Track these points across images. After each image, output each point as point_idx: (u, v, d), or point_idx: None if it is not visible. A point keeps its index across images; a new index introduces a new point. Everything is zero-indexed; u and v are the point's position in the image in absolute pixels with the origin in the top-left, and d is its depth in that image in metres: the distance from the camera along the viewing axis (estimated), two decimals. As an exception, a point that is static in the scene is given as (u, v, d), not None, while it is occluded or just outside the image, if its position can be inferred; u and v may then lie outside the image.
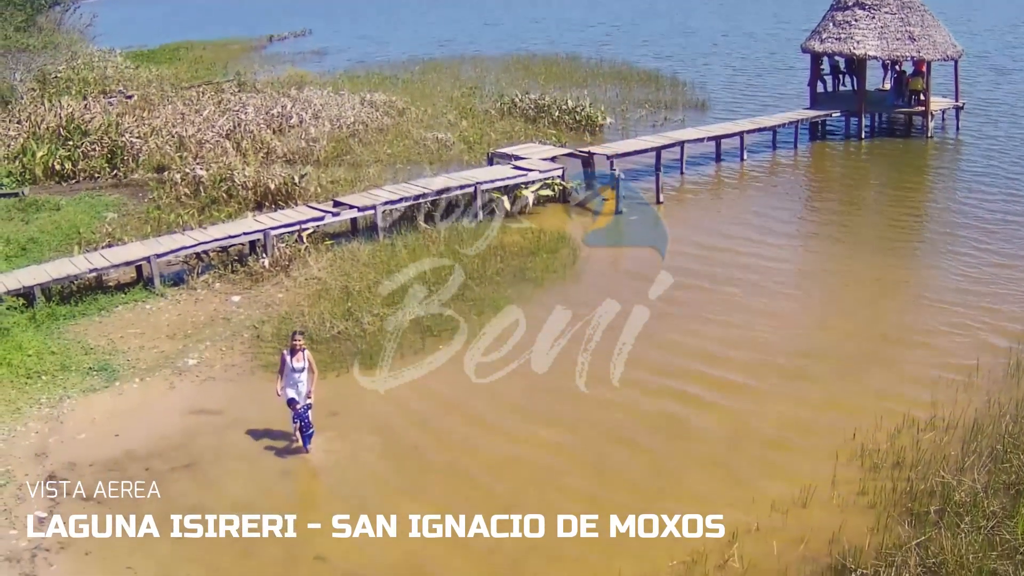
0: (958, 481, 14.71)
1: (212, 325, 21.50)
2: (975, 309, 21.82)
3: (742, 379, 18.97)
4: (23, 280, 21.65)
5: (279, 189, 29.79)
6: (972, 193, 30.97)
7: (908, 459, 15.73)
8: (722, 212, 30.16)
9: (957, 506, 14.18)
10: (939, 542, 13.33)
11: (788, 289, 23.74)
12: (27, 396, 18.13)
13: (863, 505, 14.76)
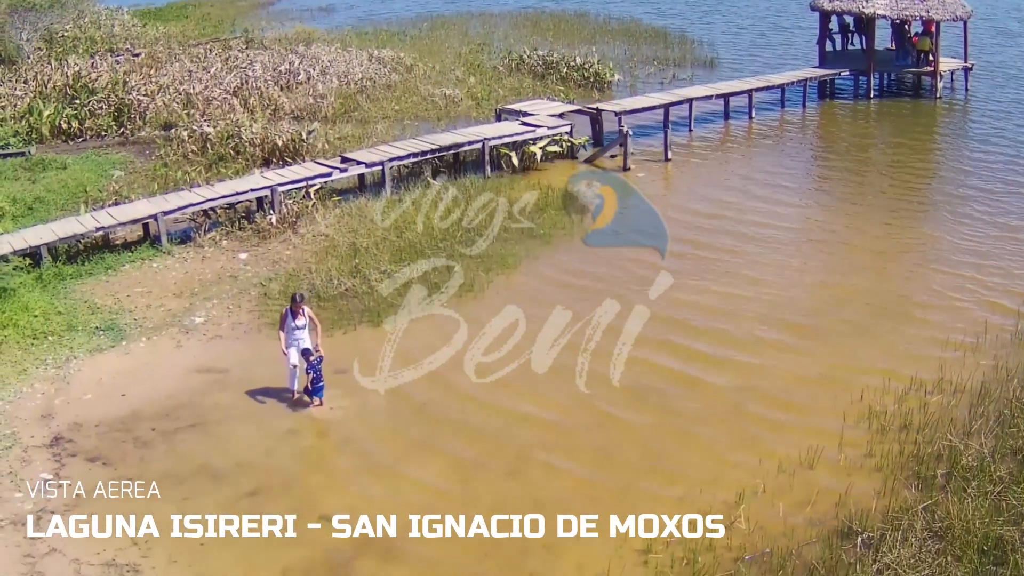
0: (965, 445, 14.18)
1: (219, 283, 20.93)
2: (983, 272, 21.19)
3: (749, 337, 18.43)
4: (29, 240, 21.04)
5: (286, 145, 29.09)
6: (980, 156, 30.05)
7: (915, 422, 15.20)
8: (730, 170, 29.34)
9: (964, 470, 13.67)
10: (945, 506, 12.84)
11: (796, 249, 23.05)
12: (33, 357, 17.59)
13: (870, 468, 14.26)
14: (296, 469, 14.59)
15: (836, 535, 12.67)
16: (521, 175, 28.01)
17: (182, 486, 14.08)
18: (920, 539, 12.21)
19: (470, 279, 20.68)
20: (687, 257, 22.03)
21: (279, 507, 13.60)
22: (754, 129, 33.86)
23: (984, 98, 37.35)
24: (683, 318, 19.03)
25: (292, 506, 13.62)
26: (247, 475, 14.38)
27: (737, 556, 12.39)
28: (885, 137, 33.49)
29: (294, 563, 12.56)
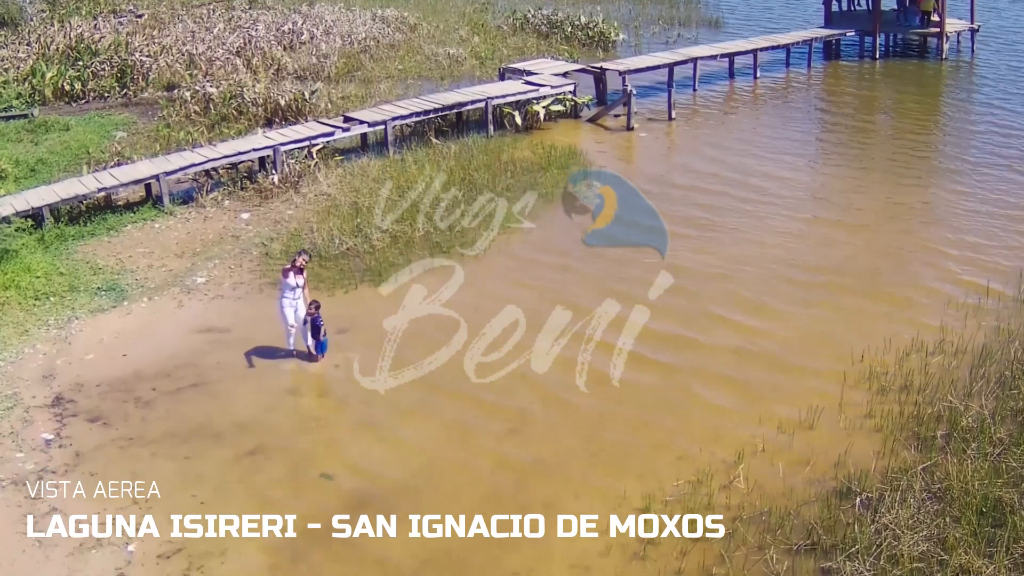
0: (965, 406, 13.97)
1: (221, 243, 20.71)
2: (987, 232, 20.93)
3: (752, 296, 18.21)
4: (31, 201, 20.78)
5: (289, 105, 28.79)
6: (985, 118, 29.63)
7: (916, 383, 14.96)
8: (734, 130, 28.99)
9: (964, 432, 13.45)
10: (945, 467, 12.65)
11: (799, 209, 22.72)
12: (35, 318, 17.40)
13: (869, 428, 14.04)
14: (296, 428, 14.42)
15: (835, 495, 12.49)
16: (524, 134, 27.69)
17: (183, 445, 13.93)
18: (919, 500, 12.02)
19: (471, 238, 20.46)
20: (689, 218, 21.73)
21: (278, 465, 13.48)
22: (759, 89, 33.45)
23: (989, 60, 36.83)
24: (684, 279, 18.74)
25: (291, 464, 13.49)
26: (247, 434, 14.21)
27: (736, 516, 12.21)
28: (890, 98, 33.03)
29: (295, 518, 12.39)
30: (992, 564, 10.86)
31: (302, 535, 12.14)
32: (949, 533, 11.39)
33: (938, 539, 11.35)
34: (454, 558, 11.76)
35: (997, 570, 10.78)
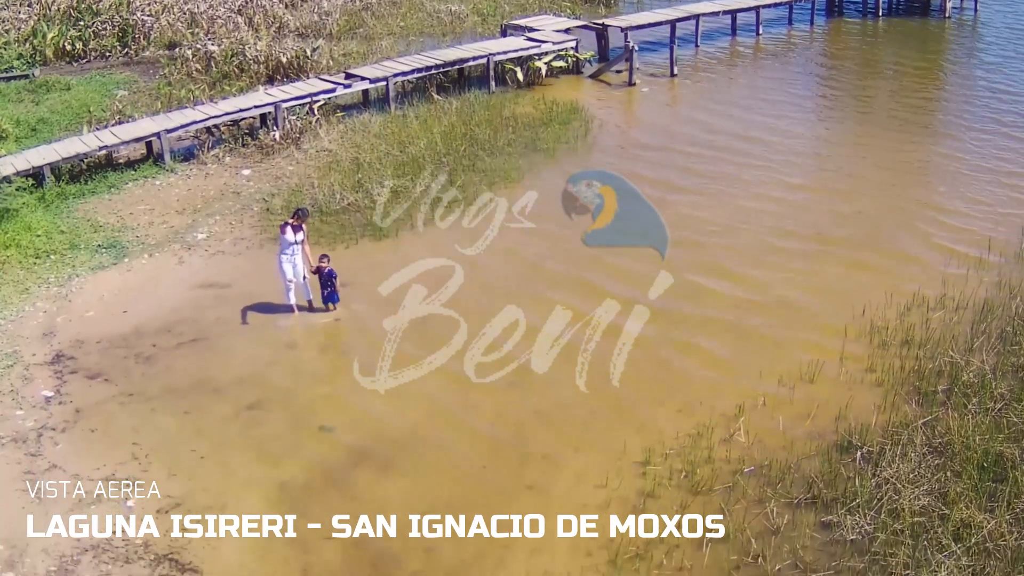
0: (966, 361, 13.70)
1: (222, 199, 20.39)
2: (989, 188, 20.52)
3: (752, 251, 17.92)
4: (32, 160, 20.44)
5: (291, 62, 28.30)
6: (989, 75, 28.94)
7: (917, 337, 14.66)
8: (736, 86, 28.45)
9: (965, 387, 13.19)
10: (946, 422, 12.41)
11: (802, 162, 22.34)
12: (36, 276, 17.14)
13: (870, 382, 13.76)
14: (296, 382, 14.17)
15: (835, 449, 12.25)
16: (526, 90, 27.23)
17: (183, 400, 13.72)
18: (920, 454, 11.78)
19: (473, 193, 20.13)
20: (689, 173, 21.38)
21: (278, 420, 13.27)
22: (761, 46, 32.83)
23: (993, 18, 36.08)
24: (686, 233, 18.43)
25: (291, 418, 13.28)
26: (247, 388, 13.99)
27: (736, 469, 11.99)
28: (893, 55, 32.24)
29: (294, 472, 12.21)
30: (993, 519, 10.63)
31: (302, 488, 11.92)
32: (950, 488, 11.16)
33: (939, 493, 11.12)
34: (453, 511, 11.51)
35: (998, 524, 10.54)
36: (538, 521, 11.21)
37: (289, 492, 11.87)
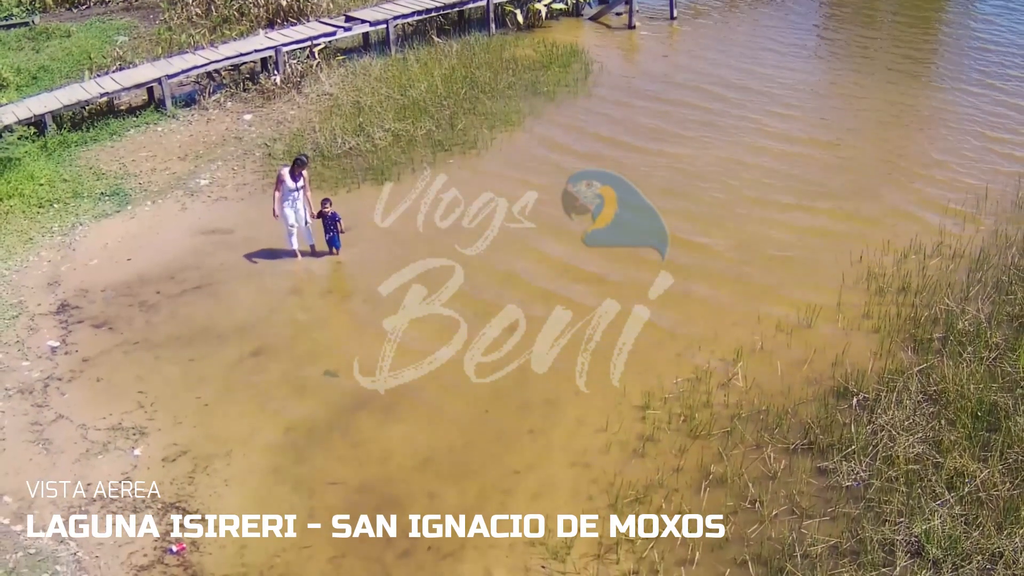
0: (962, 310, 13.46)
1: (224, 145, 20.05)
2: (985, 138, 19.95)
3: (750, 196, 17.58)
4: (33, 108, 20.02)
5: (291, 6, 27.57)
6: (991, 23, 27.91)
7: (913, 285, 14.40)
8: (736, 31, 27.58)
9: (960, 335, 12.95)
10: (941, 370, 12.20)
11: (799, 111, 21.66)
12: (39, 226, 16.88)
13: (867, 329, 13.54)
14: (299, 328, 14.01)
15: (832, 394, 12.09)
16: (526, 32, 26.67)
17: (187, 348, 13.57)
18: (915, 402, 11.60)
19: (473, 136, 19.80)
20: (688, 120, 20.94)
21: (281, 366, 13.15)
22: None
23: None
24: (684, 181, 18.12)
25: (294, 364, 13.17)
26: (251, 335, 13.83)
27: (734, 414, 11.86)
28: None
29: (297, 418, 12.11)
30: (986, 468, 10.48)
31: (305, 434, 11.84)
32: (944, 436, 10.99)
33: (933, 441, 10.96)
34: (455, 455, 11.47)
35: (991, 474, 10.39)
36: (538, 467, 11.12)
37: (292, 438, 11.76)
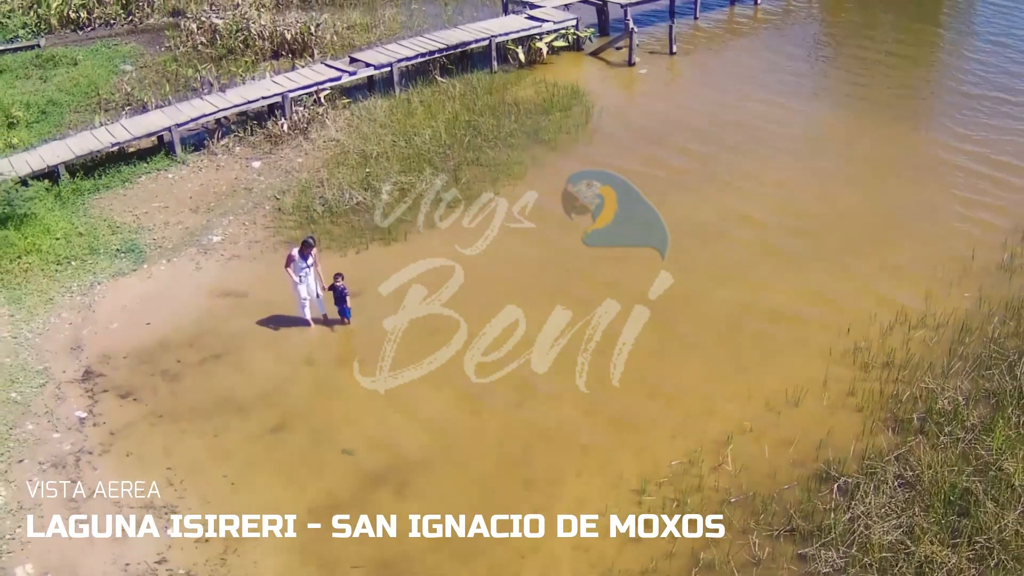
0: (941, 388, 14.54)
1: (234, 196, 21.09)
2: (979, 188, 20.94)
3: (746, 258, 18.59)
4: (47, 158, 21.06)
5: (295, 38, 28.75)
6: (984, 53, 28.99)
7: (898, 359, 15.45)
8: (733, 66, 28.65)
9: (939, 415, 14.04)
10: (918, 453, 13.28)
11: (795, 157, 22.71)
12: (58, 285, 17.92)
13: (851, 407, 14.61)
14: (315, 400, 15.08)
15: (815, 479, 13.19)
16: (527, 69, 27.73)
17: (210, 421, 14.65)
18: (892, 488, 12.70)
19: (477, 191, 20.84)
20: (684, 169, 21.98)
21: (301, 441, 14.25)
22: (760, 15, 33.00)
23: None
24: (679, 237, 19.09)
25: (312, 439, 14.27)
26: (270, 408, 14.91)
27: (723, 498, 13.01)
28: (891, 25, 32.25)
29: (319, 496, 13.21)
30: (955, 555, 11.65)
31: (327, 512, 12.89)
32: (917, 523, 12.12)
33: (907, 528, 12.10)
34: (466, 535, 12.55)
35: (959, 562, 11.58)
36: (542, 547, 12.31)
37: (316, 516, 12.83)
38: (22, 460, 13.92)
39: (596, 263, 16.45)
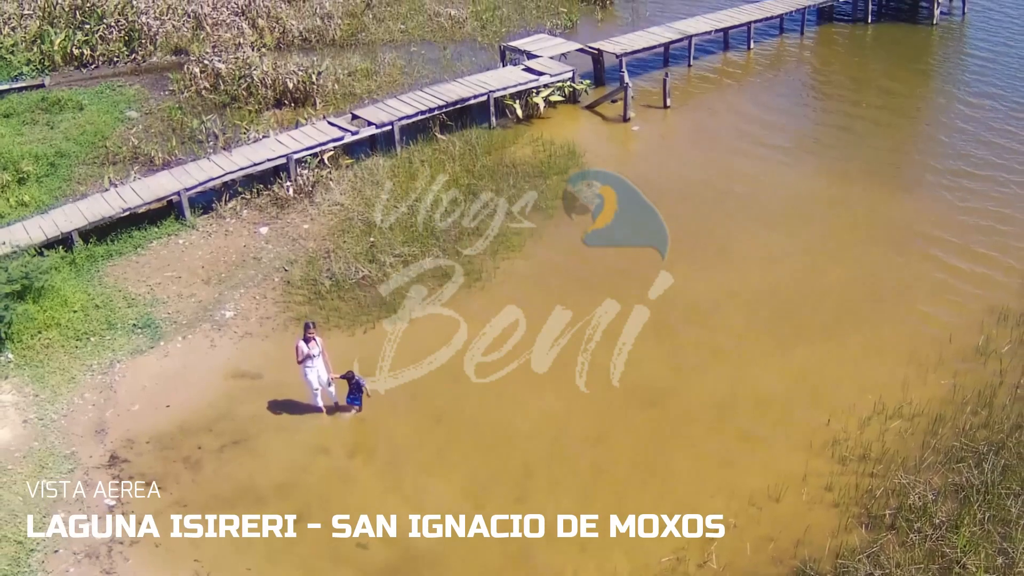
0: (913, 483, 15.77)
1: (243, 266, 22.23)
2: (960, 262, 22.08)
3: (731, 344, 19.65)
4: (60, 225, 22.15)
5: (297, 87, 29.89)
6: (973, 113, 30.22)
7: (874, 452, 16.67)
8: (725, 122, 29.76)
9: (909, 511, 15.26)
10: (889, 551, 14.52)
11: (783, 225, 23.77)
12: (79, 363, 19.04)
13: (828, 503, 15.82)
14: (330, 491, 16.24)
15: None
16: (525, 124, 28.96)
17: (232, 510, 15.76)
18: (861, 589, 14.12)
19: (478, 267, 22.05)
20: (678, 244, 22.77)
21: (318, 532, 15.44)
22: (752, 62, 34.32)
23: (981, 24, 37.63)
24: (669, 320, 20.22)
25: (329, 531, 15.42)
26: (287, 498, 16.08)
27: (708, 601, 14.41)
28: (880, 72, 33.65)
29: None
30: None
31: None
32: (884, 628, 13.58)
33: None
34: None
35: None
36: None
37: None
38: (57, 550, 15.16)
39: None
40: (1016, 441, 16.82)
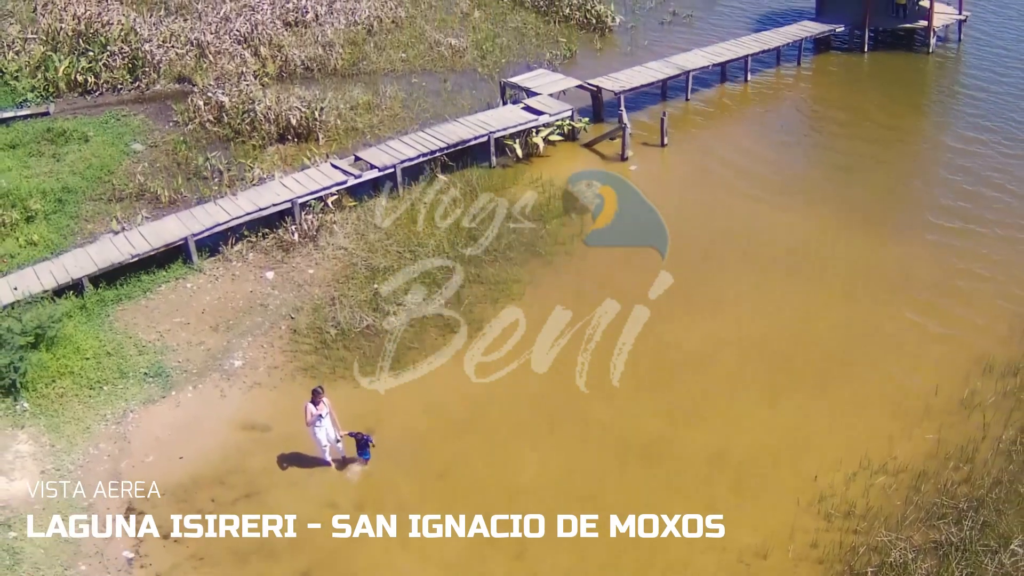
0: (894, 541, 16.68)
1: (251, 313, 23.17)
2: (950, 310, 23.02)
3: (724, 395, 20.59)
4: (71, 271, 23.06)
5: (300, 123, 30.82)
6: (970, 144, 31.23)
7: (859, 509, 17.59)
8: (722, 161, 30.65)
9: (890, 569, 16.21)
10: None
11: (776, 272, 24.60)
12: (93, 412, 19.95)
13: (814, 559, 16.77)
14: (337, 549, 17.17)
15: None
16: (525, 163, 29.90)
17: (246, 566, 16.82)
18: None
19: (479, 315, 23.03)
20: (673, 291, 23.71)
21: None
22: (749, 95, 35.30)
23: (975, 52, 38.66)
24: (663, 367, 21.21)
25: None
26: (298, 553, 17.02)
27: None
28: (876, 105, 34.49)
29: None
30: None
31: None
32: None
33: None
34: None
35: None
36: None
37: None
38: (78, 606, 16.19)
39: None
40: (995, 497, 17.78)
